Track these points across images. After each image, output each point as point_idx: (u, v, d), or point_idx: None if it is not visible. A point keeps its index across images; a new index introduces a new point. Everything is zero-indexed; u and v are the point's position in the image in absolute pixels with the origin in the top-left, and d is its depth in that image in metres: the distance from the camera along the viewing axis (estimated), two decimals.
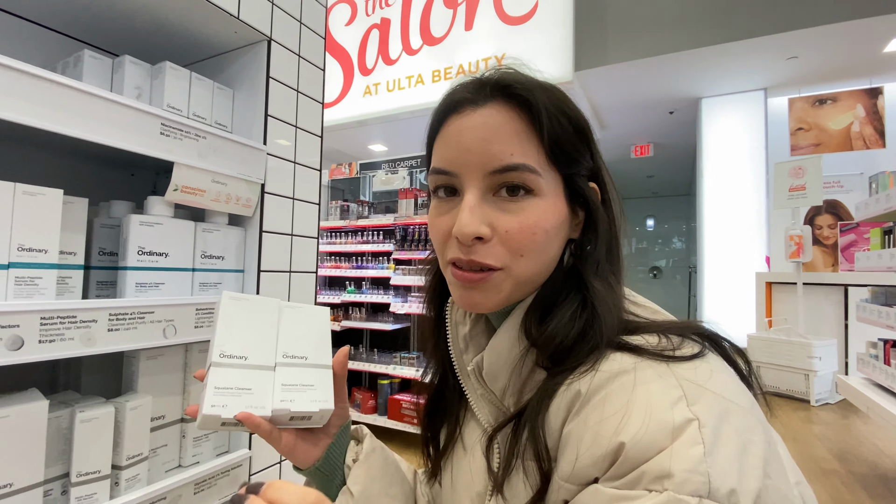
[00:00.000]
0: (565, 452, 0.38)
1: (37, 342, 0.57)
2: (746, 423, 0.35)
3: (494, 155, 0.43)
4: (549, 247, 0.45)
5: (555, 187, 0.45)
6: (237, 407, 0.47)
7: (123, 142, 0.66)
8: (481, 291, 0.45)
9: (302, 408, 0.50)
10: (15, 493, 0.58)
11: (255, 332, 0.53)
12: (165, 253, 0.74)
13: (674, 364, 0.38)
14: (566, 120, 0.45)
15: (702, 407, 0.35)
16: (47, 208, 0.61)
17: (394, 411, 2.98)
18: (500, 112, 0.44)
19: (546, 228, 0.44)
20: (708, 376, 0.38)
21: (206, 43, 0.94)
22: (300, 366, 0.53)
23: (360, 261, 3.39)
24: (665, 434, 0.34)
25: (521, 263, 0.44)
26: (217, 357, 0.49)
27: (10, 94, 0.56)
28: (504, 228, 0.43)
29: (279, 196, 0.93)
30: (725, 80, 4.72)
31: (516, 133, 0.43)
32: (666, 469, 0.32)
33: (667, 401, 0.35)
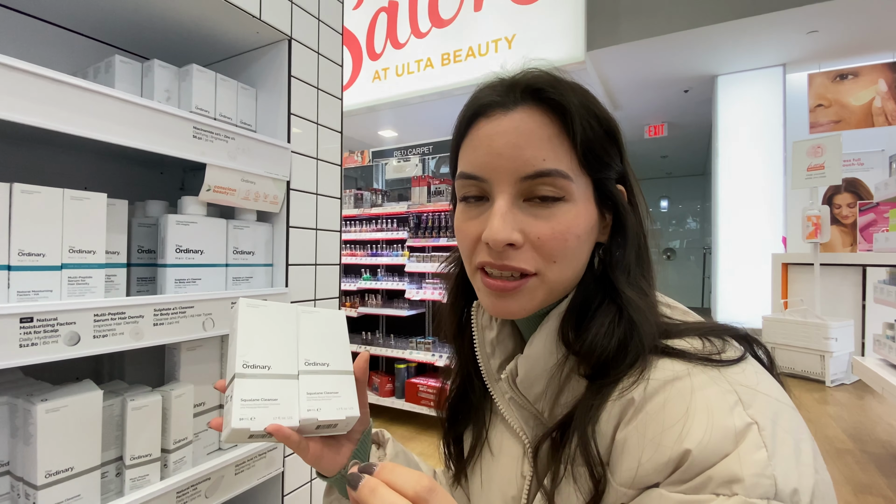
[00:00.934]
0: (623, 459, 0.39)
1: (91, 337, 0.62)
2: (795, 422, 0.37)
3: (527, 160, 0.42)
4: (580, 252, 0.45)
5: (585, 192, 0.44)
6: (266, 419, 0.46)
7: (161, 146, 0.70)
8: (515, 299, 0.44)
9: (329, 416, 0.50)
10: (76, 476, 0.64)
11: (276, 339, 0.52)
12: (201, 250, 0.78)
13: (724, 368, 0.39)
14: (597, 123, 0.44)
15: (757, 410, 0.36)
16: (93, 211, 0.65)
17: (411, 394, 3.05)
18: (531, 116, 0.43)
19: (577, 234, 0.43)
20: (756, 379, 0.39)
21: (229, 43, 0.96)
22: (323, 373, 0.53)
23: (375, 248, 3.44)
24: (729, 439, 0.34)
25: (553, 269, 0.43)
26: (241, 367, 0.48)
27: (63, 106, 0.59)
28: (536, 235, 0.43)
29: (304, 192, 0.96)
30: (743, 56, 4.61)
31: (548, 138, 0.43)
32: (735, 473, 0.33)
33: (725, 406, 0.36)
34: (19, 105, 0.56)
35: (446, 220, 3.04)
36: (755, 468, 0.33)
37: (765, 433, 0.35)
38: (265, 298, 0.86)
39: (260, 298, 0.85)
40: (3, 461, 0.64)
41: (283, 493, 0.94)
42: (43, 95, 0.58)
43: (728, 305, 4.72)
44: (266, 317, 0.52)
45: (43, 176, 0.85)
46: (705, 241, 8.90)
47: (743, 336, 0.44)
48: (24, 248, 0.59)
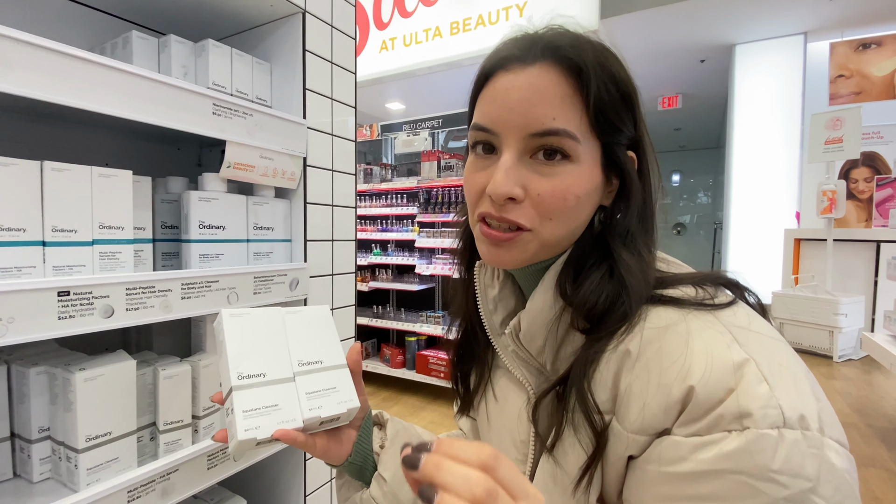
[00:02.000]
0: (630, 406, 0.40)
1: (124, 310, 0.64)
2: (788, 355, 0.39)
3: (536, 117, 0.43)
4: (578, 212, 0.46)
5: (592, 154, 0.45)
6: (270, 425, 0.47)
7: (182, 123, 0.70)
8: (507, 250, 0.46)
9: (331, 412, 0.51)
10: (114, 440, 0.67)
11: (266, 345, 0.52)
12: (223, 226, 0.80)
13: (716, 311, 0.41)
14: (614, 86, 0.44)
15: (751, 347, 0.38)
16: (120, 188, 0.67)
17: (421, 366, 3.12)
18: (547, 73, 0.43)
19: (578, 194, 0.44)
20: (747, 319, 0.41)
21: (242, 17, 0.95)
22: (318, 371, 0.54)
23: (385, 224, 3.45)
24: (729, 374, 0.36)
25: (549, 226, 0.45)
26: (236, 380, 0.48)
27: (86, 83, 0.60)
28: (537, 191, 0.44)
29: (320, 168, 0.97)
30: (762, 24, 4.45)
31: (561, 97, 0.43)
32: (743, 408, 0.35)
33: (722, 344, 0.38)
34: (43, 82, 0.57)
35: (456, 196, 3.03)
36: (760, 400, 0.35)
37: (762, 367, 0.36)
38: (284, 273, 0.89)
39: (279, 275, 0.87)
40: (44, 427, 0.68)
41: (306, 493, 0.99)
42: (69, 72, 0.59)
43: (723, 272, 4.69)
44: (252, 324, 0.52)
45: (63, 152, 0.87)
46: (716, 216, 8.80)
47: (733, 283, 0.46)
48: (57, 225, 0.61)
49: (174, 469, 0.71)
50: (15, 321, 0.55)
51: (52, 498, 0.62)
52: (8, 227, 0.57)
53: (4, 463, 0.68)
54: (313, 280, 0.96)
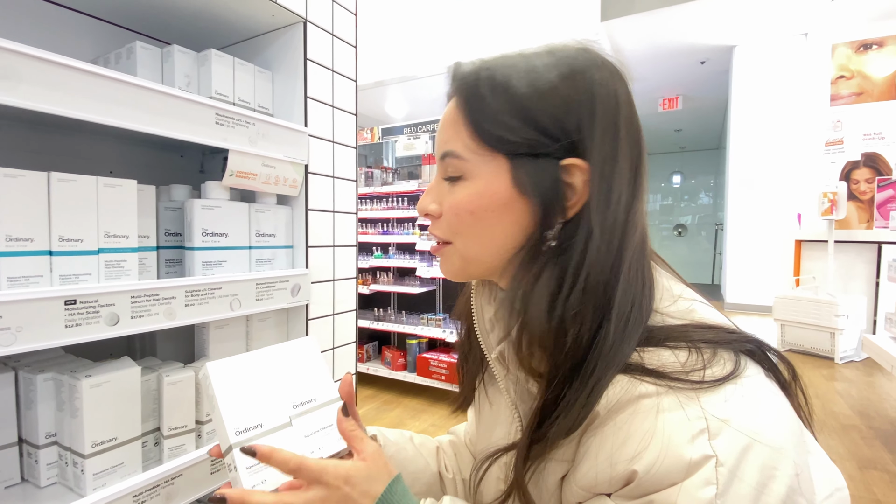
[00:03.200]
0: (583, 464, 0.40)
1: (129, 318, 0.65)
2: (772, 458, 0.34)
3: (439, 144, 0.49)
4: (483, 228, 0.46)
5: (493, 172, 0.44)
6: (275, 477, 0.47)
7: (186, 133, 0.72)
8: (441, 262, 0.51)
9: (332, 450, 0.51)
10: (119, 446, 0.68)
11: (257, 392, 0.51)
12: (225, 233, 0.81)
13: (701, 391, 0.36)
14: (502, 95, 0.43)
15: (723, 442, 0.34)
16: (125, 197, 0.68)
17: (422, 369, 3.12)
18: (453, 102, 0.48)
19: (470, 210, 0.46)
20: (736, 406, 0.36)
21: (244, 26, 0.97)
22: (313, 409, 0.53)
23: (386, 227, 3.46)
24: (679, 470, 0.34)
25: (459, 241, 0.48)
26: (234, 437, 0.47)
27: (93, 97, 0.62)
28: (444, 207, 0.49)
29: (321, 175, 0.98)
30: (762, 25, 4.46)
31: (453, 121, 0.47)
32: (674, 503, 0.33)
33: (687, 434, 0.34)
34: (50, 95, 0.58)
35: None
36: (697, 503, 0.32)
37: (721, 470, 0.33)
38: (286, 280, 0.90)
39: (281, 281, 0.88)
40: (51, 432, 0.69)
41: None
42: (75, 85, 0.60)
43: (739, 282, 4.71)
44: (238, 373, 0.52)
45: (68, 162, 0.88)
46: (717, 217, 8.79)
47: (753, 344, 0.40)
48: (63, 234, 0.62)
49: (178, 474, 0.72)
50: (23, 330, 0.56)
51: (60, 502, 0.63)
52: (16, 238, 0.58)
53: (12, 468, 0.69)
54: (315, 286, 0.98)
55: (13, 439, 0.69)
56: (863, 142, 3.92)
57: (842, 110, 4.11)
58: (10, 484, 0.68)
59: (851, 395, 2.95)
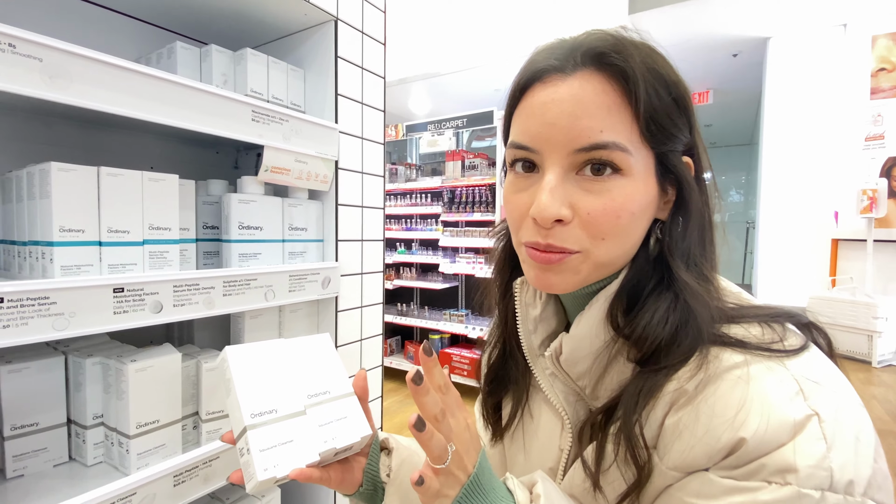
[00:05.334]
0: (674, 443, 0.38)
1: (172, 306, 0.68)
2: (857, 413, 0.36)
3: (582, 131, 0.39)
4: (633, 229, 0.42)
5: (645, 165, 0.41)
6: (287, 462, 0.47)
7: (224, 129, 0.74)
8: (558, 273, 0.43)
9: (345, 442, 0.51)
10: (161, 428, 0.72)
11: (274, 380, 0.52)
12: (260, 227, 0.84)
13: (784, 358, 0.38)
14: (665, 91, 0.40)
15: (818, 401, 0.35)
16: (168, 191, 0.71)
17: (444, 364, 3.15)
18: (590, 83, 0.40)
19: (632, 211, 0.40)
20: (819, 369, 0.38)
21: (277, 25, 0.99)
22: (327, 401, 0.54)
23: (410, 223, 3.49)
24: (786, 430, 0.34)
25: (601, 247, 0.41)
26: (249, 419, 0.47)
27: (141, 95, 0.65)
28: (586, 210, 0.40)
29: (350, 171, 1.00)
30: (799, 15, 4.29)
31: (608, 107, 0.39)
32: (790, 463, 0.33)
33: (784, 395, 0.35)
34: (100, 94, 0.61)
35: (480, 195, 3.05)
36: (812, 460, 0.33)
37: (825, 425, 0.34)
38: (317, 272, 0.92)
39: (312, 273, 0.91)
40: (98, 414, 0.73)
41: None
42: (123, 84, 0.63)
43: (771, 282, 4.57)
44: (256, 360, 0.52)
45: (111, 158, 0.92)
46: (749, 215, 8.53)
47: (805, 323, 0.43)
48: (112, 226, 0.65)
49: (215, 457, 0.75)
50: (76, 315, 0.59)
51: (106, 480, 0.67)
52: (69, 228, 0.62)
53: (61, 447, 0.73)
54: (344, 278, 1.00)
55: (62, 420, 0.73)
56: None
57: (883, 104, 3.93)
58: (58, 462, 0.73)
59: (890, 400, 2.84)
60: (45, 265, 0.62)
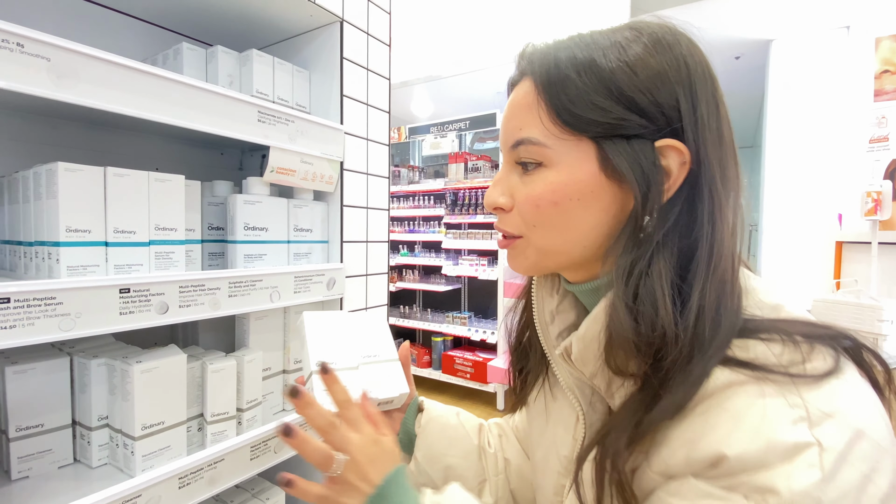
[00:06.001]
0: (661, 449, 0.38)
1: (177, 307, 0.68)
2: (877, 452, 0.32)
3: (510, 131, 0.46)
4: (567, 218, 0.43)
5: (577, 155, 0.42)
6: None
7: (230, 130, 0.74)
8: (513, 256, 0.49)
9: (386, 395, 0.64)
10: (167, 429, 0.71)
11: (337, 341, 0.65)
12: (266, 227, 0.84)
13: (802, 385, 0.34)
14: (591, 75, 0.40)
15: (826, 432, 0.32)
16: (174, 191, 0.71)
17: (447, 366, 3.14)
18: (522, 87, 0.45)
19: (554, 200, 0.43)
20: (842, 400, 0.34)
21: (283, 26, 0.99)
22: (376, 362, 0.66)
23: (412, 225, 3.49)
24: (776, 453, 0.31)
25: (536, 234, 0.46)
26: (314, 366, 0.59)
27: (148, 95, 0.64)
28: (518, 199, 0.46)
29: (355, 172, 1.00)
30: (802, 18, 4.29)
31: (528, 106, 0.44)
32: (772, 485, 0.31)
33: (786, 419, 0.32)
34: (107, 93, 0.61)
35: (482, 197, 3.04)
36: (799, 486, 0.30)
37: (826, 455, 0.31)
38: (322, 273, 0.92)
39: (318, 274, 0.91)
40: (103, 415, 0.72)
41: None
42: (131, 84, 0.63)
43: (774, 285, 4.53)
44: (325, 324, 0.66)
45: (115, 158, 0.92)
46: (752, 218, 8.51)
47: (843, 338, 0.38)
48: (118, 226, 0.65)
49: (220, 459, 0.75)
50: (82, 316, 0.59)
51: (111, 482, 0.66)
52: (76, 229, 0.62)
53: (66, 448, 0.72)
54: (349, 280, 0.99)
55: (67, 421, 0.72)
56: None
57: (887, 106, 3.92)
58: (63, 464, 0.72)
59: None
60: (51, 265, 0.62)
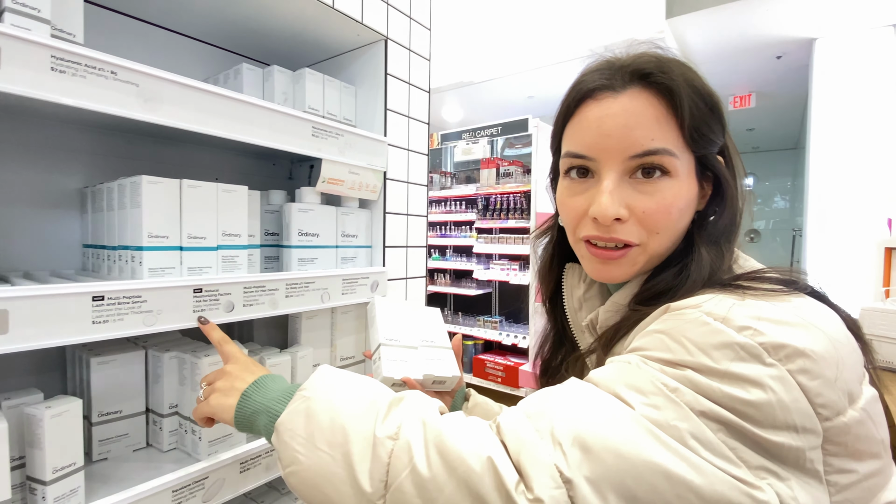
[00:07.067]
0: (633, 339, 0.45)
1: (242, 306, 0.75)
2: (806, 328, 0.37)
3: (636, 140, 0.46)
4: (680, 223, 0.49)
5: (688, 167, 0.48)
6: (402, 371, 0.68)
7: (288, 144, 0.81)
8: (618, 266, 0.50)
9: (441, 373, 0.71)
10: None
11: (401, 323, 0.76)
12: (317, 233, 0.90)
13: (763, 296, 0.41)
14: (702, 101, 0.47)
15: (756, 305, 0.38)
16: (238, 201, 0.78)
17: (478, 370, 3.17)
18: (639, 98, 0.46)
19: (680, 207, 0.47)
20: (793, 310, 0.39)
21: (332, 45, 1.06)
22: (432, 346, 0.75)
23: (444, 229, 3.54)
24: (705, 298, 0.40)
25: (655, 240, 0.48)
26: (384, 339, 0.71)
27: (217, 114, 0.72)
28: (641, 209, 0.47)
29: (397, 181, 1.06)
30: (847, 15, 4.12)
31: (657, 119, 0.46)
32: (698, 304, 0.39)
33: (726, 296, 0.40)
34: (185, 115, 0.68)
35: (515, 202, 3.06)
36: (721, 307, 0.38)
37: (746, 305, 0.38)
38: (367, 277, 0.97)
39: (363, 277, 0.97)
40: (174, 403, 0.80)
41: None
42: (206, 105, 0.70)
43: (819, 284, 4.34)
44: (391, 308, 0.78)
45: (178, 169, 1.00)
46: (795, 222, 8.17)
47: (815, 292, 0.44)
48: (191, 233, 0.72)
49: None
50: (163, 313, 0.66)
51: (181, 465, 0.73)
52: (157, 235, 0.69)
53: (140, 433, 0.80)
54: (390, 283, 1.05)
55: (142, 409, 0.80)
56: None
57: None
58: (137, 447, 0.80)
59: None
60: (134, 268, 0.70)
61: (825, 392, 0.34)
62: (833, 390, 0.35)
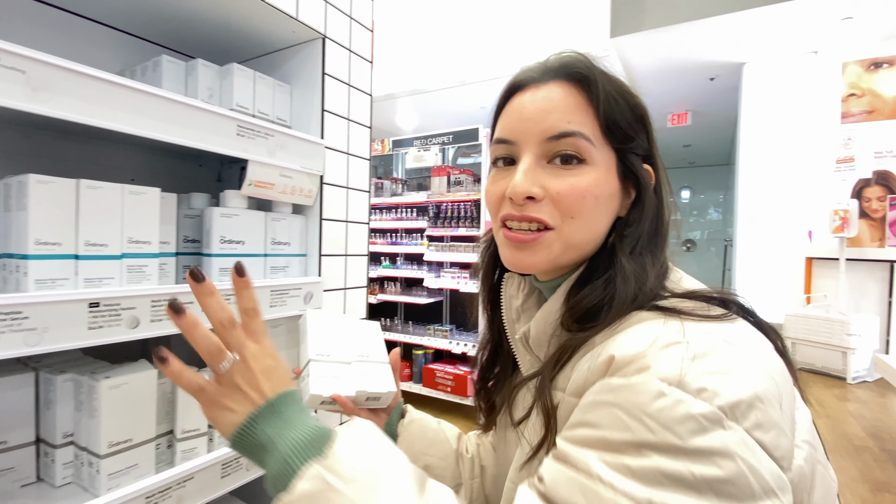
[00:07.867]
0: (572, 374, 0.44)
1: (149, 321, 0.67)
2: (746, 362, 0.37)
3: (552, 123, 0.47)
4: (597, 214, 0.48)
5: (607, 162, 0.48)
6: (332, 388, 0.63)
7: (208, 143, 0.74)
8: (532, 251, 0.48)
9: (375, 389, 0.67)
10: (134, 447, 0.70)
11: (333, 337, 0.70)
12: (242, 241, 0.83)
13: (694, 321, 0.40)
14: (621, 98, 0.49)
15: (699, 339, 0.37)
16: (148, 204, 0.70)
17: (428, 380, 3.12)
18: (560, 88, 0.48)
19: (595, 195, 0.47)
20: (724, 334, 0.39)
21: (265, 41, 1.00)
22: (368, 362, 0.71)
23: (395, 237, 3.48)
24: (649, 345, 0.38)
25: (570, 225, 0.47)
26: (314, 355, 0.65)
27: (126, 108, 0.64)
28: (556, 190, 0.47)
29: (335, 186, 1.00)
30: (773, 43, 4.48)
31: (575, 105, 0.47)
32: (646, 363, 0.36)
33: (668, 329, 0.39)
34: (82, 106, 0.61)
35: (465, 211, 3.06)
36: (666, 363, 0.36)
37: (690, 347, 0.36)
38: (299, 287, 0.91)
39: (294, 288, 0.91)
40: (68, 432, 0.70)
41: None
42: (105, 97, 0.63)
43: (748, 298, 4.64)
44: (325, 322, 0.72)
45: (91, 169, 0.91)
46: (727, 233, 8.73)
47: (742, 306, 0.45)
48: (89, 239, 0.64)
49: (190, 477, 0.73)
50: (49, 330, 0.58)
51: (74, 502, 0.64)
52: (45, 241, 0.61)
53: (28, 467, 0.70)
54: (327, 294, 0.99)
55: (31, 438, 0.70)
56: (874, 160, 3.91)
57: (853, 128, 4.10)
58: (25, 483, 0.70)
59: (864, 416, 2.90)
60: (18, 278, 0.61)
61: (780, 442, 0.35)
62: (784, 435, 0.35)
